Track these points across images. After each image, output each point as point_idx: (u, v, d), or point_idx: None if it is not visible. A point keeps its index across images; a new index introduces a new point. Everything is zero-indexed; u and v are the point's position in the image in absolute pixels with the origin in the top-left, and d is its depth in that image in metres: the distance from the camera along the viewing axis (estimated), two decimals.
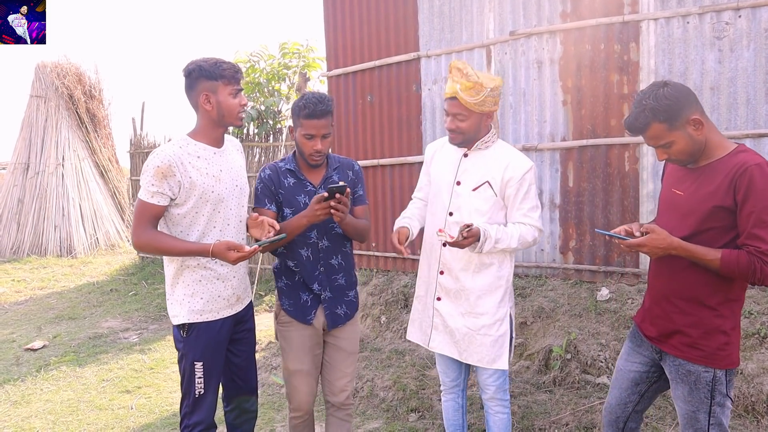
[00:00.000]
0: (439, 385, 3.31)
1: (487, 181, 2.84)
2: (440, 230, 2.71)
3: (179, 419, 4.38)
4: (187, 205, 2.59)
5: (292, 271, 2.97)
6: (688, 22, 4.70)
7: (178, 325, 2.69)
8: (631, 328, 2.61)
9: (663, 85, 2.18)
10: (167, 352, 6.12)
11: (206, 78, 2.56)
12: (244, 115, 2.71)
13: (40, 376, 5.46)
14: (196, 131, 2.68)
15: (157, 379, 5.33)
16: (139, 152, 10.86)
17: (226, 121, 2.65)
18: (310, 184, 2.93)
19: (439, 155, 3.08)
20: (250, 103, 9.33)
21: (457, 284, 2.90)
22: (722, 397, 2.24)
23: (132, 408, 4.69)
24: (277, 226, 2.64)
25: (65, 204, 12.72)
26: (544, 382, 4.42)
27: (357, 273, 3.25)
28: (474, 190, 2.86)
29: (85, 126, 13.58)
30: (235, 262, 2.50)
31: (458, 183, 2.92)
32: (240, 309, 2.84)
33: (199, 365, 2.67)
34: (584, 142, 5.15)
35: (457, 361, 3.03)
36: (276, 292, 3.06)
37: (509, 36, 5.48)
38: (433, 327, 3.00)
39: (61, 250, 12.34)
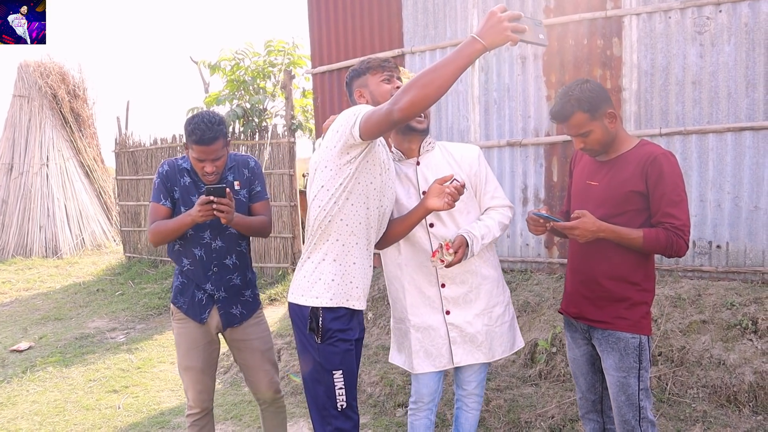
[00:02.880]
0: None
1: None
2: (434, 254, 2.54)
3: (166, 419, 4.40)
4: (362, 167, 2.32)
5: (187, 270, 2.99)
6: (669, 17, 4.74)
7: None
8: (564, 320, 2.81)
9: (585, 81, 2.48)
10: (154, 351, 6.10)
11: (357, 76, 2.52)
12: None
13: (26, 377, 5.43)
14: None
15: (145, 379, 5.31)
16: (125, 152, 10.79)
17: None
18: (204, 185, 2.93)
19: None
20: (235, 101, 9.30)
21: (464, 288, 2.76)
22: (647, 362, 2.50)
23: (119, 407, 4.67)
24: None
25: (50, 204, 12.63)
26: (530, 376, 4.45)
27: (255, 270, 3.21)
28: None
29: (70, 125, 13.48)
30: (507, 23, 1.91)
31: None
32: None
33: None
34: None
35: (439, 373, 2.88)
36: (172, 290, 3.08)
37: None
38: (451, 342, 2.78)
39: (46, 251, 12.26)
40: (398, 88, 2.41)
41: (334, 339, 2.36)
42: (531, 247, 5.54)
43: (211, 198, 2.64)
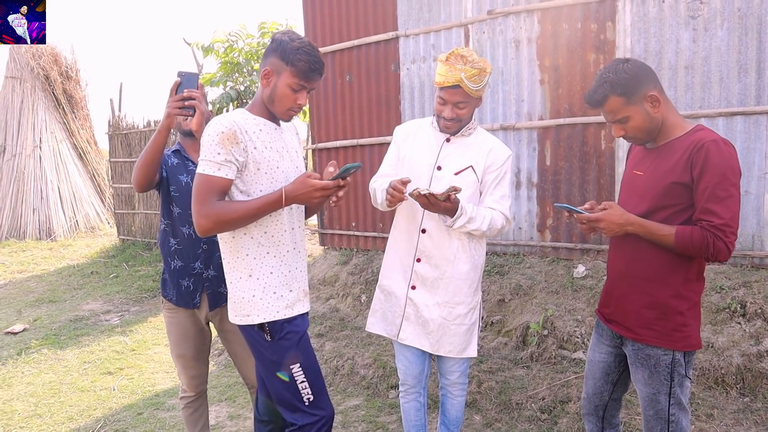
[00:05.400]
0: None
1: (471, 166, 2.75)
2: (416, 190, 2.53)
3: (161, 400, 4.44)
4: (247, 179, 2.28)
5: (174, 253, 3.00)
6: (663, 2, 4.73)
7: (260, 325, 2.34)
8: (596, 320, 2.60)
9: (624, 61, 2.22)
10: (149, 333, 6.14)
11: (280, 56, 2.28)
12: (294, 115, 2.37)
13: (20, 359, 5.45)
14: (253, 105, 2.39)
15: (139, 360, 5.35)
16: (118, 134, 10.76)
17: (274, 108, 2.33)
18: (193, 163, 2.99)
19: (413, 138, 2.90)
20: (229, 83, 9.27)
21: (436, 272, 2.78)
22: (681, 378, 2.25)
23: (114, 389, 4.71)
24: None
25: (43, 187, 12.59)
26: (521, 358, 4.50)
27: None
28: (456, 174, 2.75)
29: (62, 107, 13.40)
30: (319, 195, 2.21)
31: (439, 168, 2.78)
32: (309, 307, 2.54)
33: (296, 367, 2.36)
34: (561, 120, 5.20)
35: (423, 354, 2.92)
36: (160, 282, 3.13)
37: (487, 15, 5.49)
38: (404, 317, 2.83)
39: (40, 233, 12.24)
40: (300, 105, 2.31)
41: (284, 332, 2.34)
42: (524, 230, 5.57)
43: (184, 94, 2.53)
